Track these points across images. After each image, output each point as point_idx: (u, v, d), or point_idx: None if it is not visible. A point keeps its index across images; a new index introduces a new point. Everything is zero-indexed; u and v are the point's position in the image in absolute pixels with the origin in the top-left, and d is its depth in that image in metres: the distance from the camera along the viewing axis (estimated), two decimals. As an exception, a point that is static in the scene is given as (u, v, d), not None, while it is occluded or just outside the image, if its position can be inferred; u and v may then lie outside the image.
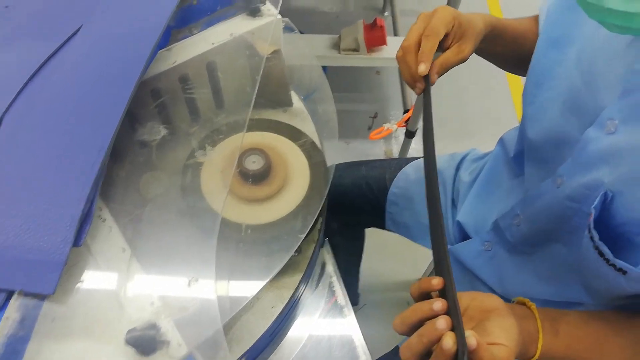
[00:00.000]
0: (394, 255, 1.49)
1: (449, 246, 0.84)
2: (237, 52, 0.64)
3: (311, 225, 0.55)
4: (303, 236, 0.53)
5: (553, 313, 0.58)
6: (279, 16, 0.67)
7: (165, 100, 0.62)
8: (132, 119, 0.60)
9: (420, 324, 0.44)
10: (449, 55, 0.63)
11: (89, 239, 0.48)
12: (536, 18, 0.74)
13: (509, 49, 0.74)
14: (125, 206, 0.51)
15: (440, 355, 0.41)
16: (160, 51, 0.62)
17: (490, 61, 0.79)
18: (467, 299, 0.50)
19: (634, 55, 0.52)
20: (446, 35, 0.63)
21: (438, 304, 0.43)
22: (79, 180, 0.45)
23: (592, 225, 0.51)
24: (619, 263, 0.49)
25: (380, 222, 1.00)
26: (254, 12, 0.66)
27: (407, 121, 1.60)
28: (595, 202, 0.51)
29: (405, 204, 0.95)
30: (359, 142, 1.80)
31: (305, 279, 0.63)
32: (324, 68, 1.95)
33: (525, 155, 0.72)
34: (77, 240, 0.43)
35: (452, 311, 0.43)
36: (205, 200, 0.53)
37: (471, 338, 0.41)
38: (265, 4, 0.67)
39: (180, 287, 0.46)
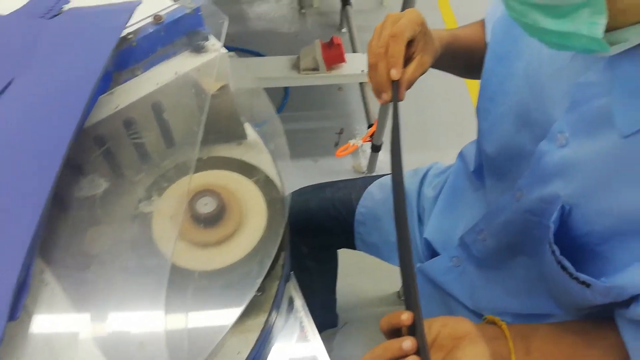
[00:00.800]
0: (370, 272, 1.48)
1: (418, 264, 0.84)
2: (183, 90, 0.63)
3: (269, 264, 0.53)
4: (260, 280, 0.51)
5: (524, 330, 0.58)
6: (224, 50, 0.65)
7: (111, 147, 0.60)
8: (75, 170, 0.57)
9: None
10: (412, 69, 0.61)
11: (30, 304, 0.46)
12: (482, 23, 0.75)
13: (461, 61, 0.75)
14: (69, 266, 0.48)
15: None
16: (101, 96, 0.60)
17: (442, 70, 0.79)
18: (437, 326, 0.50)
19: (577, 69, 0.52)
20: (412, 41, 0.61)
21: (407, 343, 0.44)
22: (12, 246, 0.42)
23: (552, 240, 0.51)
24: (582, 276, 0.49)
25: (350, 243, 0.99)
26: (198, 49, 0.64)
27: (372, 135, 1.60)
28: (554, 217, 0.51)
29: (373, 224, 0.94)
30: (327, 159, 1.79)
31: (272, 318, 0.61)
32: (286, 88, 1.94)
33: (484, 168, 0.73)
34: (13, 313, 0.40)
35: (421, 348, 0.44)
36: (154, 251, 0.51)
37: None
38: (208, 39, 0.65)
39: (130, 349, 0.43)
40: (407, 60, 0.61)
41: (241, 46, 2.09)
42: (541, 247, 0.56)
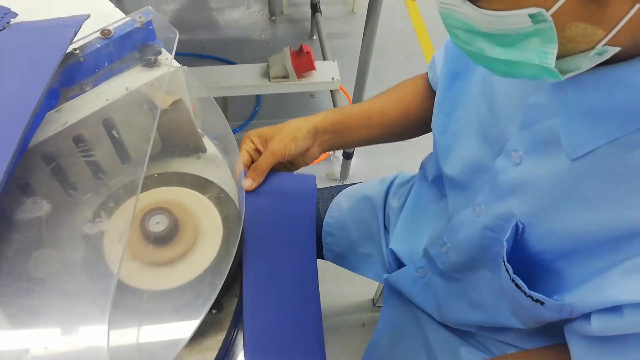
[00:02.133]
0: (343, 279, 1.47)
1: (385, 275, 0.83)
2: (134, 106, 0.61)
3: (222, 283, 0.52)
4: (212, 300, 0.50)
5: None
6: (177, 64, 0.64)
7: (60, 165, 0.58)
8: (21, 190, 0.56)
9: None
10: (256, 163, 0.66)
11: (-31, 335, 0.44)
12: (423, 76, 0.78)
13: (364, 134, 0.76)
14: (12, 293, 0.46)
15: None
16: (48, 113, 0.58)
17: (357, 146, 0.81)
18: None
19: (527, 89, 0.52)
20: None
21: None
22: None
23: (505, 258, 0.51)
24: (535, 295, 0.49)
25: (319, 253, 0.98)
26: (150, 63, 0.63)
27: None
28: (507, 235, 0.51)
29: (341, 234, 0.93)
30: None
31: (231, 336, 0.60)
32: (258, 96, 1.93)
33: (444, 180, 0.73)
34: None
35: None
36: (102, 273, 0.50)
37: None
38: (161, 53, 0.64)
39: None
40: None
41: (211, 54, 2.07)
42: (497, 262, 0.56)
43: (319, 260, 1.03)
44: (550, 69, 0.38)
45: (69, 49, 0.57)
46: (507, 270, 0.50)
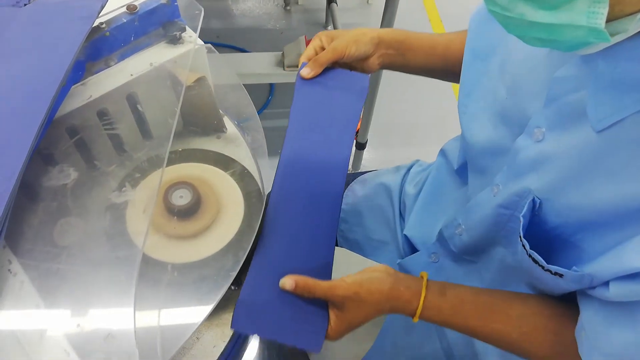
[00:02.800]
0: (355, 270, 1.47)
1: (398, 260, 0.84)
2: (158, 82, 0.62)
3: (244, 259, 0.53)
4: (235, 273, 0.51)
5: (444, 282, 0.61)
6: (201, 42, 0.64)
7: (84, 138, 0.59)
8: (47, 160, 0.56)
9: None
10: (318, 55, 0.70)
11: (-4, 296, 0.44)
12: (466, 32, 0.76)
13: (425, 59, 0.76)
14: (38, 257, 0.47)
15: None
16: (74, 86, 0.59)
17: (415, 74, 0.80)
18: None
19: (554, 64, 0.52)
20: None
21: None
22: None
23: (521, 234, 0.51)
24: (554, 268, 0.50)
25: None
26: (174, 40, 0.63)
27: (356, 133, 1.60)
28: (524, 210, 0.51)
29: (355, 220, 0.93)
30: (311, 157, 1.78)
31: (248, 312, 0.60)
32: (271, 85, 1.93)
33: (468, 165, 0.73)
34: (-24, 304, 0.39)
35: None
36: (127, 243, 0.50)
37: (287, 280, 0.53)
38: (185, 30, 0.64)
39: (99, 342, 0.42)
40: None
41: (226, 42, 2.08)
42: (513, 238, 0.57)
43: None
44: (600, 29, 0.37)
45: (95, 23, 0.58)
46: (523, 246, 0.50)
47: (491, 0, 0.42)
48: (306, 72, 0.68)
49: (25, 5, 0.61)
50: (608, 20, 0.38)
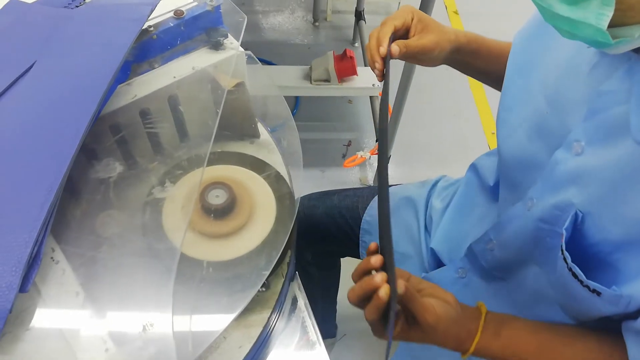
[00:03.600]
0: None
1: (423, 274, 0.83)
2: (199, 85, 0.64)
3: (276, 260, 0.53)
4: (267, 273, 0.51)
5: (503, 317, 0.61)
6: (242, 49, 0.66)
7: (126, 135, 0.61)
8: (90, 155, 0.58)
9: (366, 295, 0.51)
10: (409, 40, 0.69)
11: (39, 282, 0.46)
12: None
13: (488, 65, 0.77)
14: (79, 247, 0.49)
15: (376, 298, 0.49)
16: (119, 85, 0.61)
17: (472, 76, 0.81)
18: (426, 284, 0.58)
19: (598, 78, 0.53)
20: (410, 29, 0.70)
21: (378, 276, 0.50)
22: (26, 222, 0.42)
23: (564, 247, 0.51)
24: (592, 284, 0.49)
25: (354, 252, 0.98)
26: (217, 46, 0.65)
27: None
28: (567, 223, 0.51)
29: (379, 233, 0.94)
30: (333, 170, 1.80)
31: (275, 315, 0.61)
32: (297, 98, 1.96)
33: (500, 180, 0.73)
34: (24, 285, 0.40)
35: (390, 271, 0.49)
36: (165, 238, 0.51)
37: (401, 282, 0.49)
38: (227, 37, 0.67)
39: (136, 332, 0.43)
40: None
41: (255, 55, 2.12)
42: (552, 255, 0.56)
43: (350, 260, 1.03)
44: (603, 30, 0.39)
45: (144, 26, 0.60)
46: (564, 259, 0.50)
47: None
48: (396, 50, 0.66)
49: (77, 6, 0.64)
50: (619, 25, 0.40)
